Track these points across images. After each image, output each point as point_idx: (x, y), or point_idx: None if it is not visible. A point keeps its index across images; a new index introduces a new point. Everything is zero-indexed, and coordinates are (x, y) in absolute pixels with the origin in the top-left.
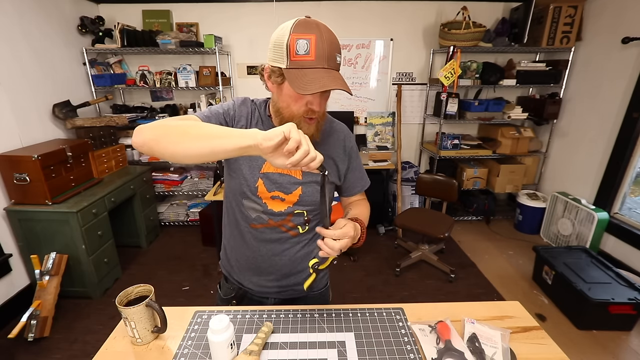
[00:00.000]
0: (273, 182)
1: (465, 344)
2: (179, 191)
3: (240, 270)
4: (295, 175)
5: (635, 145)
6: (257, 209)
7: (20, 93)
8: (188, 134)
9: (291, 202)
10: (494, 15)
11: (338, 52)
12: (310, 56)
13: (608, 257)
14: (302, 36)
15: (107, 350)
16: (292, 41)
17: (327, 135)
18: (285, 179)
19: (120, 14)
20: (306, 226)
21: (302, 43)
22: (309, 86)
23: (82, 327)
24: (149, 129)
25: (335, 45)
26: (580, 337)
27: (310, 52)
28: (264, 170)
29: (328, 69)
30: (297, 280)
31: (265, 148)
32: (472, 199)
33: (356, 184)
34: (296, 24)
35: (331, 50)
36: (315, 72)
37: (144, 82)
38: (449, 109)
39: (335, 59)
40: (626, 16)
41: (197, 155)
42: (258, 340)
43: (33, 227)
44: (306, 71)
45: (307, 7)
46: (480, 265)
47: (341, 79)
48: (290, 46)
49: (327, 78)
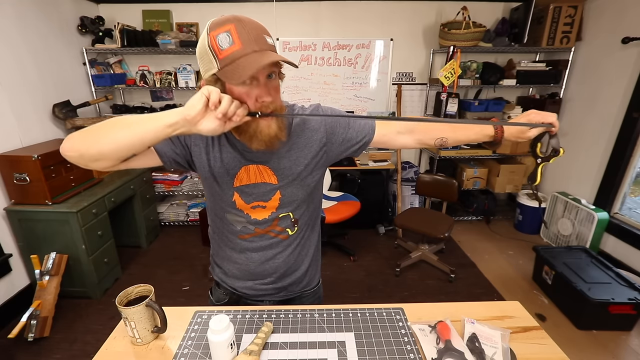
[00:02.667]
0: (248, 194)
1: (465, 344)
2: (179, 191)
3: (233, 277)
4: (270, 181)
5: (635, 145)
6: (241, 221)
7: (20, 93)
8: (113, 127)
9: (273, 207)
10: (494, 15)
11: (266, 33)
12: (236, 45)
13: (608, 257)
14: (220, 30)
15: (107, 350)
16: (213, 40)
17: (301, 129)
18: (261, 189)
19: (120, 14)
20: (295, 227)
21: (222, 37)
22: (245, 72)
23: (82, 327)
24: (78, 133)
25: (260, 28)
26: (580, 337)
27: (234, 41)
28: (236, 184)
29: (260, 51)
30: (293, 280)
31: (193, 116)
32: (472, 199)
33: (362, 130)
34: (210, 24)
35: (257, 33)
36: (247, 58)
37: (144, 82)
38: (449, 109)
39: (264, 40)
40: (626, 16)
41: (126, 145)
42: (258, 340)
43: (33, 227)
44: (238, 62)
45: (307, 7)
46: (480, 265)
47: (275, 53)
48: (212, 46)
49: (261, 57)
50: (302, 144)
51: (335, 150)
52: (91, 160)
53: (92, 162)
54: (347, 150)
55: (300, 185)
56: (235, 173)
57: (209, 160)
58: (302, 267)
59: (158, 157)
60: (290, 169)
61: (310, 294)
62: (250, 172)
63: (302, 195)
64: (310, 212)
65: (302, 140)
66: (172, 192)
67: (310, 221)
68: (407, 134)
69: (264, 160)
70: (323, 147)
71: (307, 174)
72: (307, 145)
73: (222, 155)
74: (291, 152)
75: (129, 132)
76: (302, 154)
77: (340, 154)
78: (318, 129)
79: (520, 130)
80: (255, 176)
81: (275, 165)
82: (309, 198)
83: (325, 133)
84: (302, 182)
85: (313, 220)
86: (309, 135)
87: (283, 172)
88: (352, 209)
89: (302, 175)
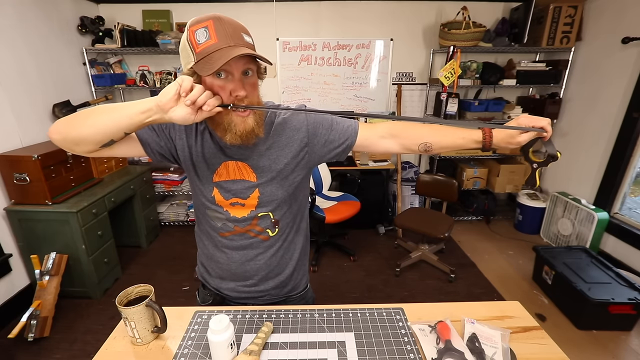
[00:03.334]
0: (227, 190)
1: (465, 344)
2: (179, 191)
3: (216, 277)
4: (249, 178)
5: (635, 145)
6: (220, 218)
7: (20, 93)
8: (94, 112)
9: (252, 205)
10: (494, 15)
11: (244, 32)
12: (212, 39)
13: (608, 257)
14: (198, 26)
15: (107, 350)
16: (191, 34)
17: (282, 128)
18: (239, 185)
19: (120, 14)
20: (276, 228)
21: (200, 32)
22: (216, 64)
23: (82, 327)
24: (64, 117)
25: (239, 27)
26: (580, 337)
27: (211, 36)
28: (215, 179)
29: (235, 46)
30: (276, 284)
31: (164, 103)
32: (472, 199)
33: (345, 132)
34: (191, 20)
35: (234, 30)
36: (221, 51)
37: (144, 82)
38: (449, 109)
39: (241, 37)
40: (626, 16)
41: (103, 130)
42: (258, 340)
43: (33, 227)
44: (212, 54)
45: (307, 7)
46: (480, 265)
47: (251, 50)
48: (190, 40)
49: (233, 51)
50: (283, 142)
51: (318, 152)
52: (73, 143)
53: (74, 145)
54: (330, 153)
55: (280, 184)
56: (215, 168)
57: (191, 154)
58: (285, 271)
59: (141, 147)
60: (270, 167)
61: (296, 299)
62: (229, 168)
63: (282, 195)
64: (294, 214)
65: (282, 139)
66: (172, 192)
67: (292, 223)
68: (390, 139)
69: (244, 157)
70: (305, 147)
71: (287, 173)
72: (288, 144)
73: (204, 150)
74: (271, 151)
75: (107, 117)
76: (283, 153)
77: (324, 156)
78: (300, 128)
79: (510, 135)
80: (234, 172)
81: (255, 163)
82: (291, 199)
83: (307, 133)
84: (282, 182)
85: (297, 222)
86: (290, 135)
87: (262, 170)
88: (352, 209)
89: (282, 174)
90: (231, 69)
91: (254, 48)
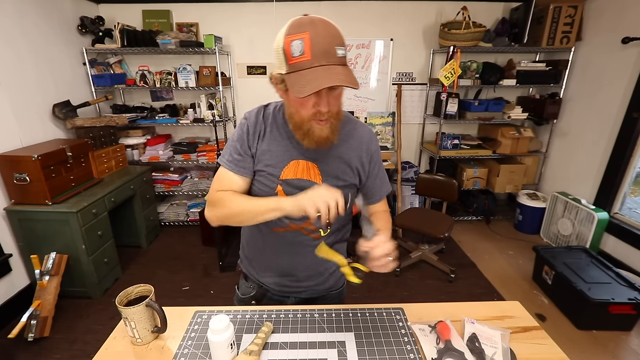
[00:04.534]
0: (293, 187)
1: (465, 344)
2: (179, 191)
3: (261, 271)
4: (315, 180)
5: (635, 145)
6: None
7: (21, 93)
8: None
9: None
10: (494, 15)
11: (339, 44)
12: (306, 56)
13: (608, 257)
14: (295, 37)
15: (107, 350)
16: (287, 44)
17: (348, 136)
18: (306, 184)
19: (120, 14)
20: (328, 229)
21: (296, 44)
22: (306, 88)
23: (82, 327)
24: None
25: (334, 38)
26: (580, 337)
27: (305, 51)
28: (282, 177)
29: (327, 65)
30: (319, 281)
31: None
32: (472, 199)
33: (375, 191)
34: (289, 25)
35: (328, 44)
36: (313, 71)
37: (144, 82)
38: (449, 109)
39: (334, 53)
40: (626, 16)
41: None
42: (258, 340)
43: (33, 227)
44: (304, 72)
45: (307, 7)
46: (480, 265)
47: (343, 74)
48: (285, 50)
49: (325, 76)
50: (353, 149)
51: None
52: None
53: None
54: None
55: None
56: (283, 166)
57: (259, 153)
58: (329, 269)
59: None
60: (336, 173)
61: (334, 295)
62: (299, 167)
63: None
64: (344, 220)
65: (353, 146)
66: (172, 192)
67: (341, 226)
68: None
69: (315, 158)
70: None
71: (350, 181)
72: (355, 152)
73: (272, 147)
74: (341, 157)
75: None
76: (350, 158)
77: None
78: (370, 141)
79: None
80: (302, 172)
81: (324, 166)
82: (347, 208)
83: (369, 154)
84: (344, 188)
85: (345, 225)
86: (358, 145)
87: (328, 174)
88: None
89: (344, 181)
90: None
91: (346, 60)
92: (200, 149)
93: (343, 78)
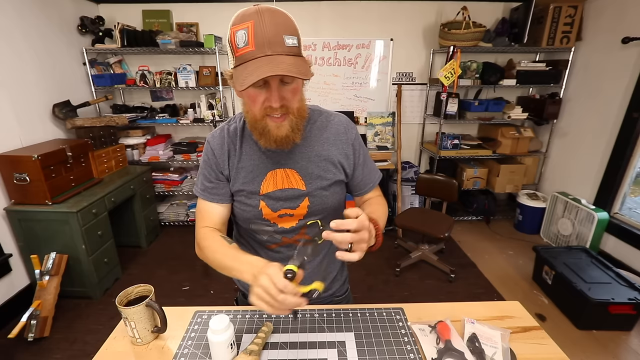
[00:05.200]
0: (276, 199)
1: (465, 344)
2: (179, 191)
3: None
4: (298, 187)
5: (635, 145)
6: (267, 231)
7: (21, 93)
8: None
9: (301, 214)
10: (494, 15)
11: (288, 33)
12: (250, 46)
13: (608, 257)
14: (239, 27)
15: (107, 350)
16: (232, 36)
17: (322, 130)
18: (289, 193)
19: (120, 14)
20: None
21: (240, 34)
22: (247, 80)
23: (82, 327)
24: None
25: (281, 26)
26: (580, 337)
27: (248, 41)
28: (262, 191)
29: (272, 55)
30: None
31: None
32: (472, 199)
33: (366, 180)
34: (236, 15)
35: (275, 33)
36: (255, 62)
37: (144, 82)
38: (449, 109)
39: (281, 42)
40: (626, 16)
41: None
42: (258, 340)
43: (33, 227)
44: (247, 64)
45: (307, 7)
46: (480, 265)
47: (288, 63)
48: (231, 42)
49: (267, 66)
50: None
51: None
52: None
53: None
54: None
55: (331, 191)
56: (261, 180)
57: (236, 171)
58: (331, 275)
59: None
60: (319, 173)
61: (340, 300)
62: (277, 177)
63: (332, 203)
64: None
65: (323, 144)
66: (172, 192)
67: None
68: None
69: (290, 163)
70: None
71: (336, 179)
72: (335, 146)
73: (244, 163)
74: (319, 155)
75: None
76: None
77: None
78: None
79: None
80: (282, 181)
81: (303, 169)
82: (340, 205)
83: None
84: (333, 188)
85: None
86: (333, 137)
87: (311, 177)
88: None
89: (331, 181)
90: (267, 78)
91: (298, 50)
92: (200, 149)
93: (287, 67)
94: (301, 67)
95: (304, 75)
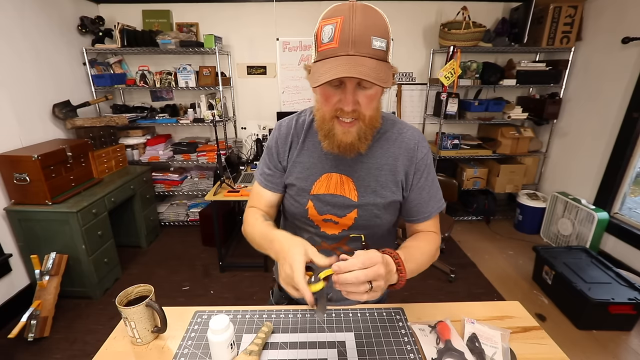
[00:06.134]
0: (325, 203)
1: (465, 344)
2: (179, 191)
3: None
4: (350, 196)
5: (635, 145)
6: (309, 230)
7: (21, 93)
8: (253, 244)
9: (345, 225)
10: (494, 15)
11: (377, 34)
12: (334, 42)
13: (608, 257)
14: (328, 22)
15: (107, 350)
16: (319, 29)
17: (391, 143)
18: (339, 200)
19: (120, 14)
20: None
21: (327, 29)
22: (321, 77)
23: (82, 327)
24: (243, 227)
25: (371, 27)
26: (580, 337)
27: (334, 38)
28: (313, 191)
29: (354, 55)
30: (352, 302)
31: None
32: (472, 199)
33: (420, 208)
34: (329, 8)
35: (362, 33)
36: (335, 60)
37: (144, 82)
38: (449, 109)
39: (368, 43)
40: (626, 16)
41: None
42: (258, 340)
43: (33, 227)
44: (327, 61)
45: (307, 7)
46: (480, 265)
47: (369, 67)
48: (317, 35)
49: (346, 66)
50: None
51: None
52: None
53: None
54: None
55: (384, 209)
56: (315, 179)
57: (290, 166)
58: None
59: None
60: (375, 188)
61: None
62: (332, 181)
63: (382, 222)
64: (385, 239)
65: (386, 155)
66: (172, 192)
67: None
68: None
69: (349, 170)
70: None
71: (392, 199)
72: (397, 162)
73: (303, 158)
74: (380, 169)
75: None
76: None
77: None
78: (415, 147)
79: None
80: (335, 187)
81: (360, 180)
82: (389, 226)
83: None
84: (386, 207)
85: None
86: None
87: (365, 190)
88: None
89: (386, 198)
90: (343, 79)
91: (384, 55)
92: (200, 149)
93: (365, 71)
94: (381, 73)
95: (383, 82)
